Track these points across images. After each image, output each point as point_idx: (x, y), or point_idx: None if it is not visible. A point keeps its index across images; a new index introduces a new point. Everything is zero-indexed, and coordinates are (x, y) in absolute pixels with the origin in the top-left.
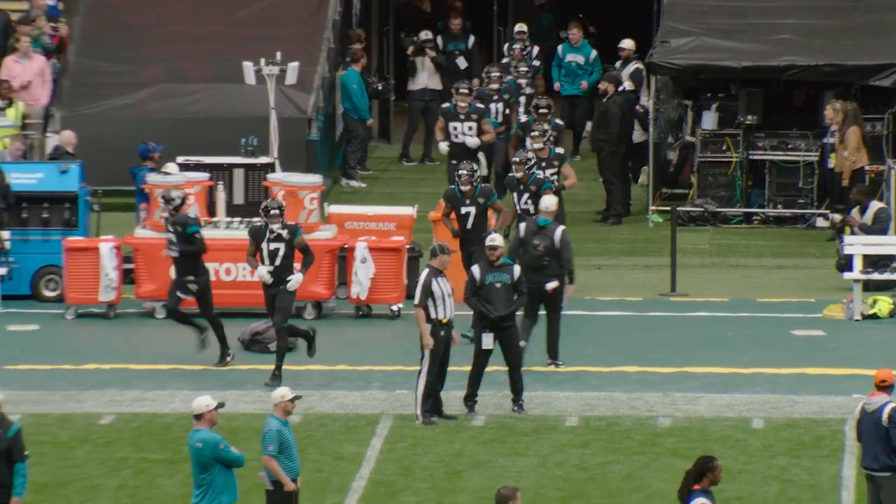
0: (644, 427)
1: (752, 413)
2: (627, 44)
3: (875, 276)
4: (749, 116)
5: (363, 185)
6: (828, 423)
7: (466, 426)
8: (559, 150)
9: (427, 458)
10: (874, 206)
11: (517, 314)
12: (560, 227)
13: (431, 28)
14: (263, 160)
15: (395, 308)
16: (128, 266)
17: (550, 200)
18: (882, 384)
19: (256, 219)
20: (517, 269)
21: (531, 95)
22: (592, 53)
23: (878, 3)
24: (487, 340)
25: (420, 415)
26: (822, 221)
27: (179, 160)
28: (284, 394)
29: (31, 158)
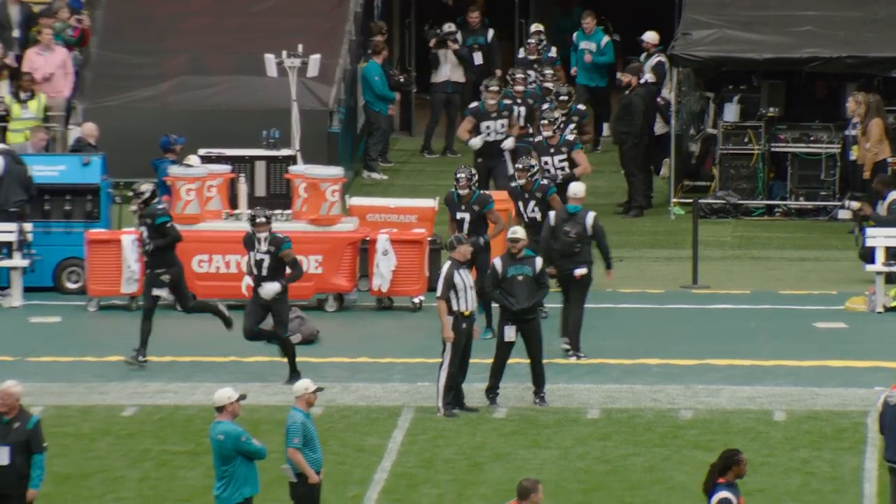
0: (666, 419)
1: (774, 405)
2: (650, 36)
3: None
4: (771, 108)
5: (385, 178)
6: (850, 416)
7: (488, 418)
8: (569, 137)
9: (449, 451)
10: (890, 197)
11: (541, 307)
12: (591, 214)
13: (454, 20)
14: (285, 152)
15: (417, 300)
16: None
17: (579, 187)
18: None
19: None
20: (539, 262)
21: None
22: (604, 39)
23: None
24: (509, 333)
25: (442, 407)
26: (844, 213)
27: (201, 152)
28: (307, 386)
29: (54, 151)
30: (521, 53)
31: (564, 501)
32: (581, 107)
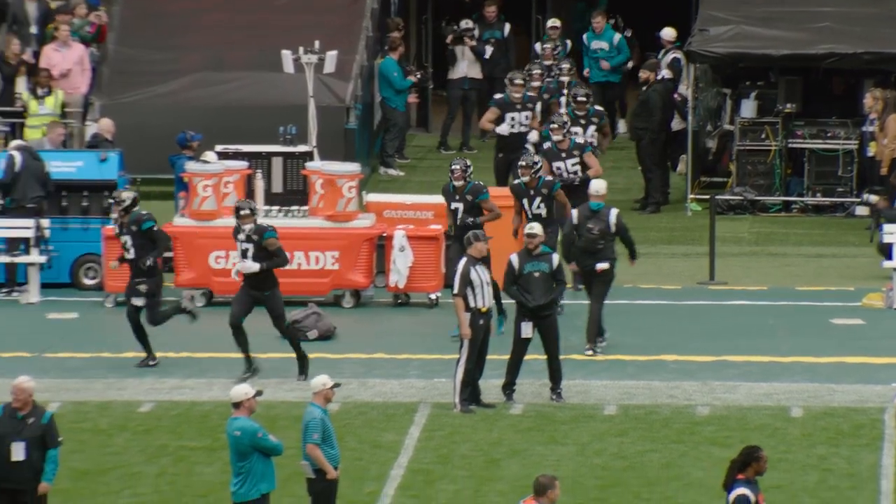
0: (682, 416)
1: (791, 402)
2: (667, 33)
3: None
4: (788, 104)
5: (401, 174)
6: (867, 412)
7: (505, 414)
8: (579, 140)
9: (465, 447)
10: None
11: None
12: (614, 211)
13: (471, 17)
14: (302, 149)
15: (434, 296)
16: (166, 254)
17: (600, 184)
18: None
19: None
20: (556, 258)
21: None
22: (616, 37)
23: None
24: (526, 329)
25: (458, 403)
26: (862, 209)
27: (218, 148)
28: (325, 381)
29: (71, 147)
30: (538, 48)
31: (581, 498)
32: (599, 108)
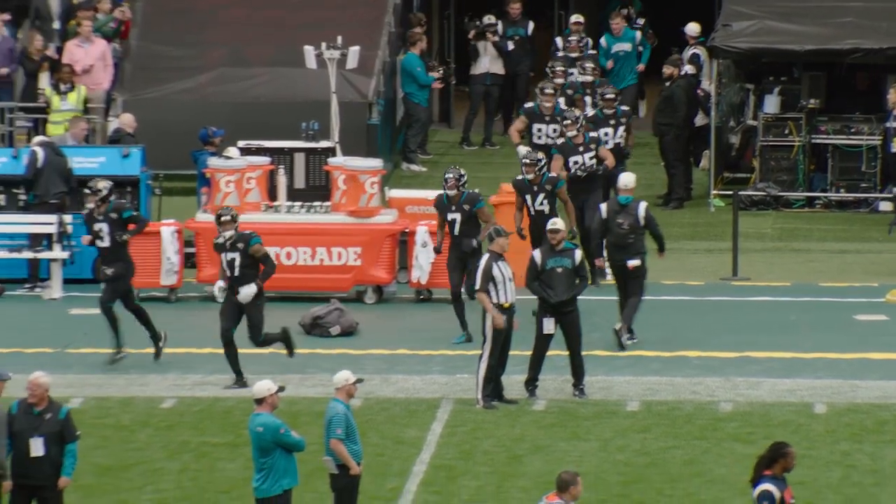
0: (705, 412)
1: (815, 398)
2: (692, 28)
3: None
4: (812, 100)
5: (423, 170)
6: (891, 408)
7: (527, 410)
8: (593, 134)
9: (488, 443)
10: None
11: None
12: (643, 204)
13: (494, 12)
14: (324, 144)
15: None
16: (189, 250)
17: (629, 178)
18: None
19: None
20: (578, 254)
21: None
22: (637, 36)
23: None
24: (549, 325)
25: (481, 399)
26: (886, 205)
27: (240, 144)
28: (348, 377)
29: (93, 142)
30: (559, 44)
31: (604, 494)
32: (625, 108)
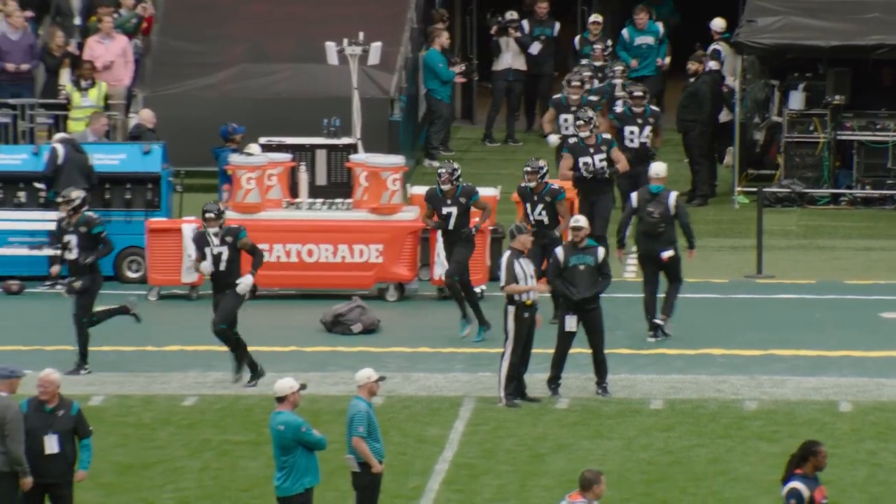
0: (730, 410)
1: (840, 396)
2: (717, 23)
3: None
4: (837, 96)
5: None
6: None
7: (550, 409)
8: (606, 136)
9: (510, 441)
10: None
11: (602, 295)
12: (673, 193)
13: (516, 8)
14: (346, 141)
15: (479, 290)
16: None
17: (661, 167)
18: None
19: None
20: (601, 252)
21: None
22: (660, 30)
23: None
24: (571, 323)
25: (503, 397)
26: None
27: (262, 141)
28: (370, 375)
29: (114, 139)
30: (577, 44)
31: (627, 492)
32: (655, 108)
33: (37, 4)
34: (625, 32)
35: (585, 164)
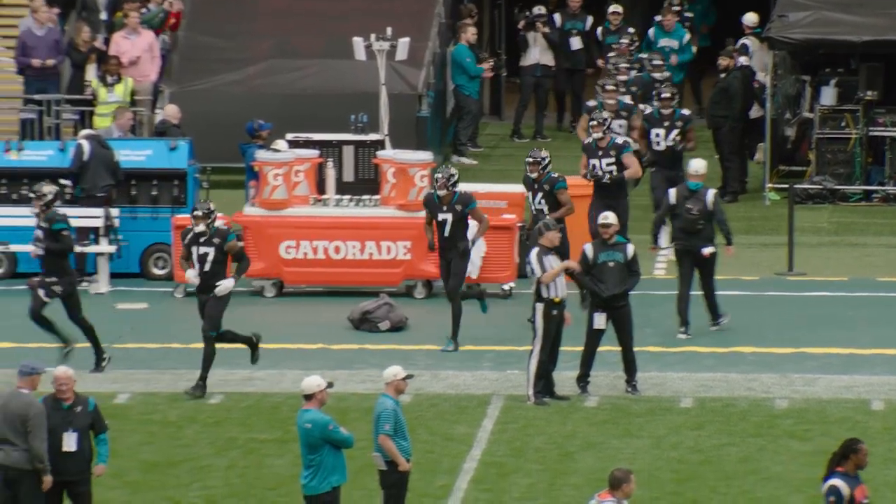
0: (761, 409)
1: (872, 395)
2: (749, 18)
3: None
4: (869, 92)
5: (474, 163)
6: None
7: (579, 407)
8: (619, 140)
9: (539, 440)
10: None
11: (630, 293)
12: (711, 191)
13: (544, 3)
14: (373, 137)
15: (507, 287)
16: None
17: (700, 164)
18: None
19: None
20: (630, 248)
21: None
22: (686, 36)
23: None
24: (600, 320)
25: (532, 395)
26: None
27: (289, 137)
28: (397, 372)
29: (140, 135)
30: (599, 34)
31: (657, 491)
32: (686, 111)
33: (63, 0)
34: (650, 32)
35: (592, 167)
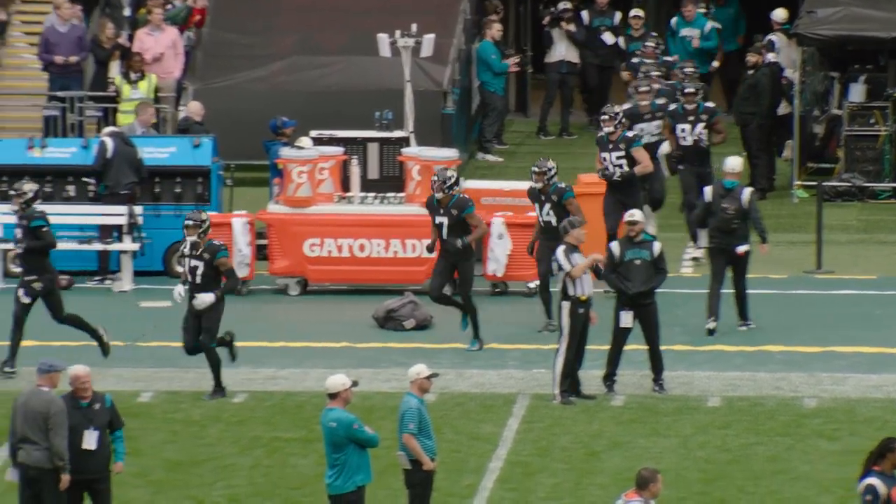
0: (789, 408)
1: None
2: (778, 14)
3: None
4: None
5: (499, 160)
6: None
7: (605, 406)
8: (629, 134)
9: (565, 439)
10: None
11: (656, 292)
12: (747, 189)
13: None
14: (398, 134)
15: (532, 285)
16: (261, 242)
17: (736, 161)
18: None
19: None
20: (657, 246)
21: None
22: (707, 25)
23: None
24: (626, 318)
25: (558, 394)
26: None
27: (313, 134)
28: (421, 371)
29: (164, 132)
30: (621, 43)
31: (684, 491)
32: (710, 104)
33: None
34: (672, 21)
35: (604, 160)
